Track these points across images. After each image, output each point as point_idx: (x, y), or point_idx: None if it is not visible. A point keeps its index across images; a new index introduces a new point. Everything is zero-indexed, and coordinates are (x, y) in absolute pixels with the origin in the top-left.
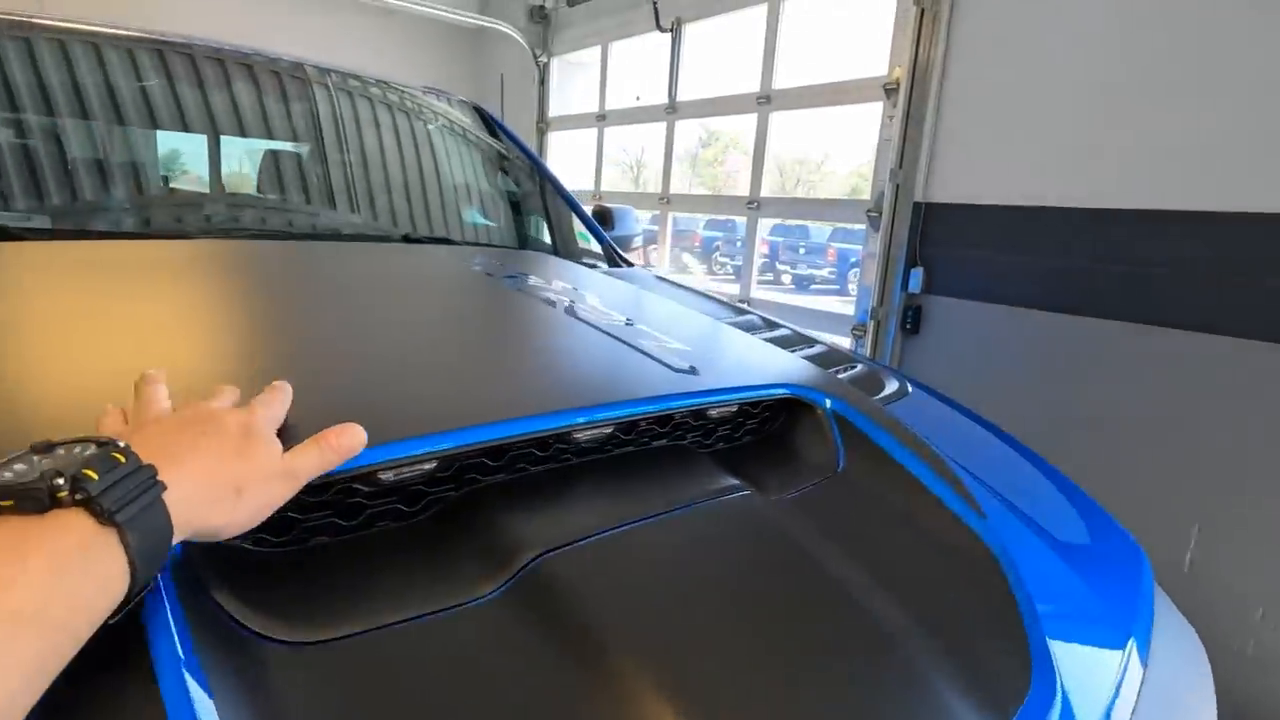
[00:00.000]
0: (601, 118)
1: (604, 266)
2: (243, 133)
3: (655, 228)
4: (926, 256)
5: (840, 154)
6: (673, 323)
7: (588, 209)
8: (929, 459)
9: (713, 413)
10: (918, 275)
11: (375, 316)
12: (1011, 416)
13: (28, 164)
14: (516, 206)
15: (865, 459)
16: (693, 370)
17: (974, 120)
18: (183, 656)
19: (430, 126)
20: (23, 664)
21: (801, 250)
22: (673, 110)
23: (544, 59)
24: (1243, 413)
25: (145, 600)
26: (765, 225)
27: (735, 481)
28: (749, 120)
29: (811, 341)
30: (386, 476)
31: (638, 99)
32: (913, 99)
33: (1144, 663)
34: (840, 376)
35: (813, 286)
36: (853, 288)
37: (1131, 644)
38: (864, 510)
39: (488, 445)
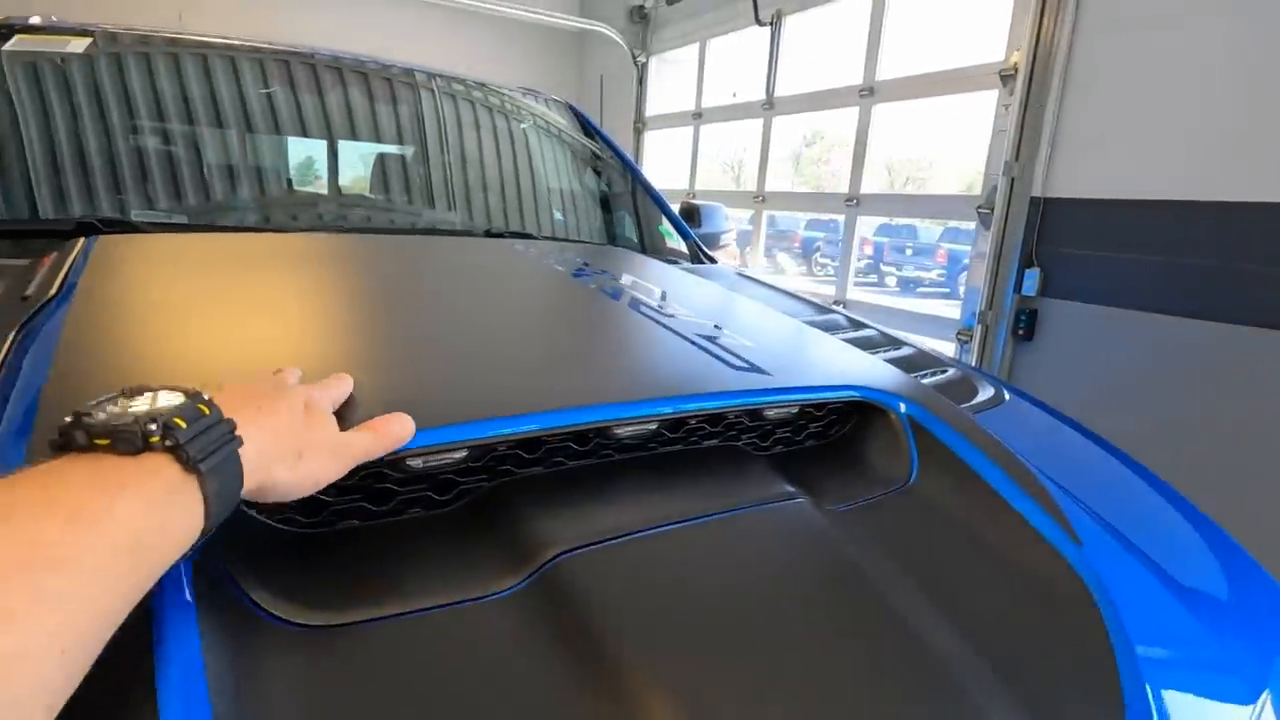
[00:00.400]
0: (698, 115)
1: (685, 263)
2: (356, 137)
3: (752, 228)
4: (1044, 256)
5: (953, 151)
6: (742, 319)
7: (676, 207)
8: (1017, 474)
9: (771, 413)
10: (1033, 276)
11: (443, 304)
12: (1138, 436)
13: (169, 166)
14: (605, 203)
15: (942, 471)
16: (753, 368)
17: (1103, 107)
18: (197, 634)
19: (524, 126)
20: (120, 591)
21: (908, 251)
22: (770, 106)
23: (642, 59)
24: None
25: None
26: (868, 225)
27: (790, 488)
28: (852, 115)
29: (898, 343)
30: (417, 464)
31: (734, 95)
32: (1032, 85)
33: None
34: (924, 381)
35: (919, 290)
36: (962, 290)
37: (1266, 698)
38: (934, 528)
39: (521, 437)
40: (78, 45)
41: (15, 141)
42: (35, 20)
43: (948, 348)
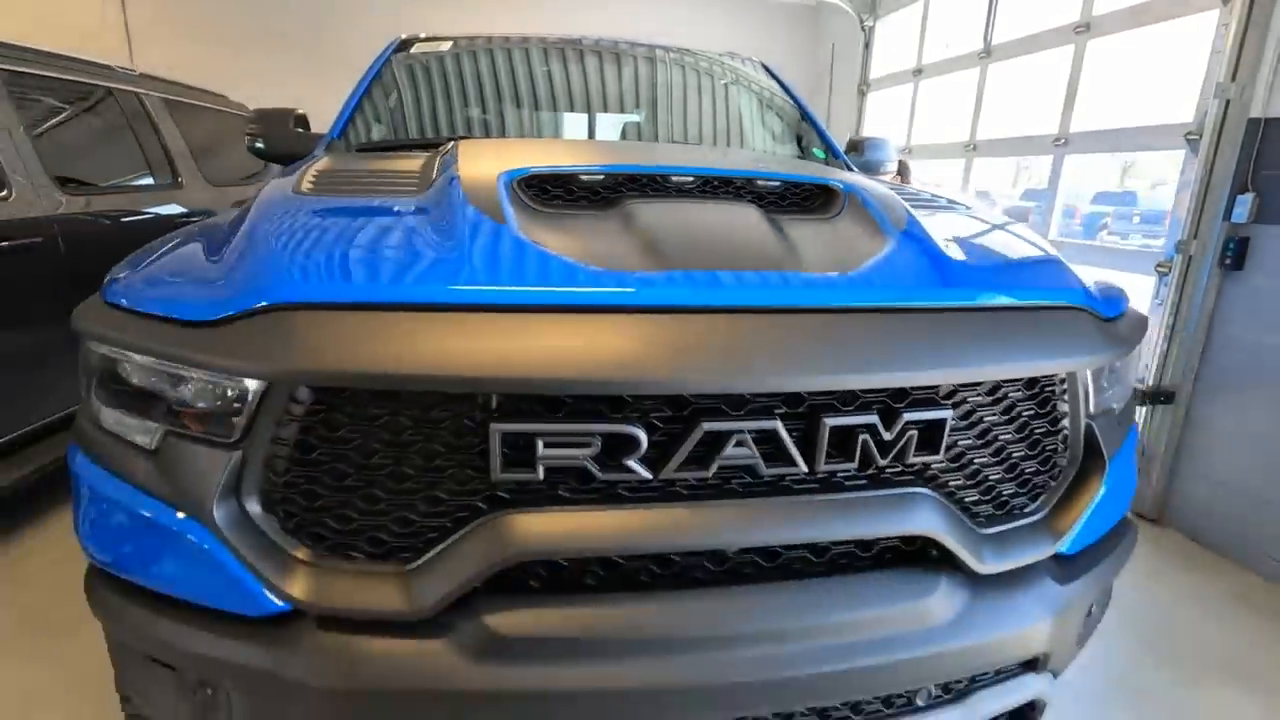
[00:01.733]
0: (918, 72)
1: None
2: (608, 98)
3: (1028, 204)
4: (1261, 180)
5: (1168, 86)
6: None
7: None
8: (892, 214)
9: (785, 191)
10: (1245, 202)
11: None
12: None
13: (489, 113)
14: (787, 137)
15: (857, 212)
16: (806, 177)
17: None
18: None
19: (728, 83)
20: None
21: (1136, 219)
22: (987, 55)
23: (870, 22)
24: None
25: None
26: (1077, 171)
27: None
28: (1068, 55)
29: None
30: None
31: (946, 46)
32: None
33: None
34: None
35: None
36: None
37: None
38: (836, 226)
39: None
40: (445, 46)
41: (415, 104)
42: (422, 35)
43: (1147, 281)
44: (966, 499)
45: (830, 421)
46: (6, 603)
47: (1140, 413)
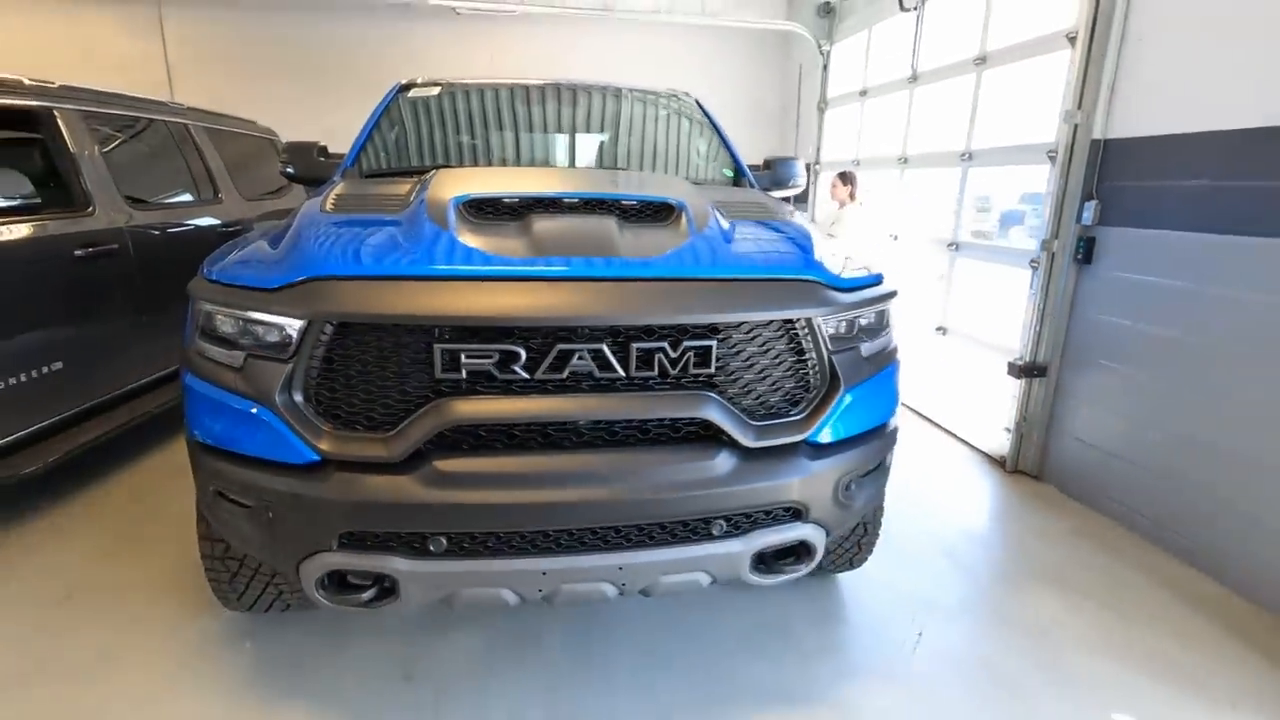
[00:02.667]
0: (864, 93)
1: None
2: (575, 130)
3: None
4: (1102, 190)
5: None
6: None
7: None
8: (699, 224)
9: (628, 204)
10: (1091, 207)
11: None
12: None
13: (468, 145)
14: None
15: (678, 220)
16: (657, 199)
17: (1154, 59)
18: None
19: (669, 114)
20: None
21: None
22: (914, 79)
23: (827, 47)
24: None
25: None
26: (983, 180)
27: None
28: (970, 82)
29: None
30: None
31: (854, 74)
32: (1093, 42)
33: None
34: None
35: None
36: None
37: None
38: (663, 230)
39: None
40: (435, 90)
41: (410, 136)
42: (420, 79)
43: (1025, 274)
44: (742, 401)
45: (637, 345)
46: (105, 527)
47: (1020, 385)
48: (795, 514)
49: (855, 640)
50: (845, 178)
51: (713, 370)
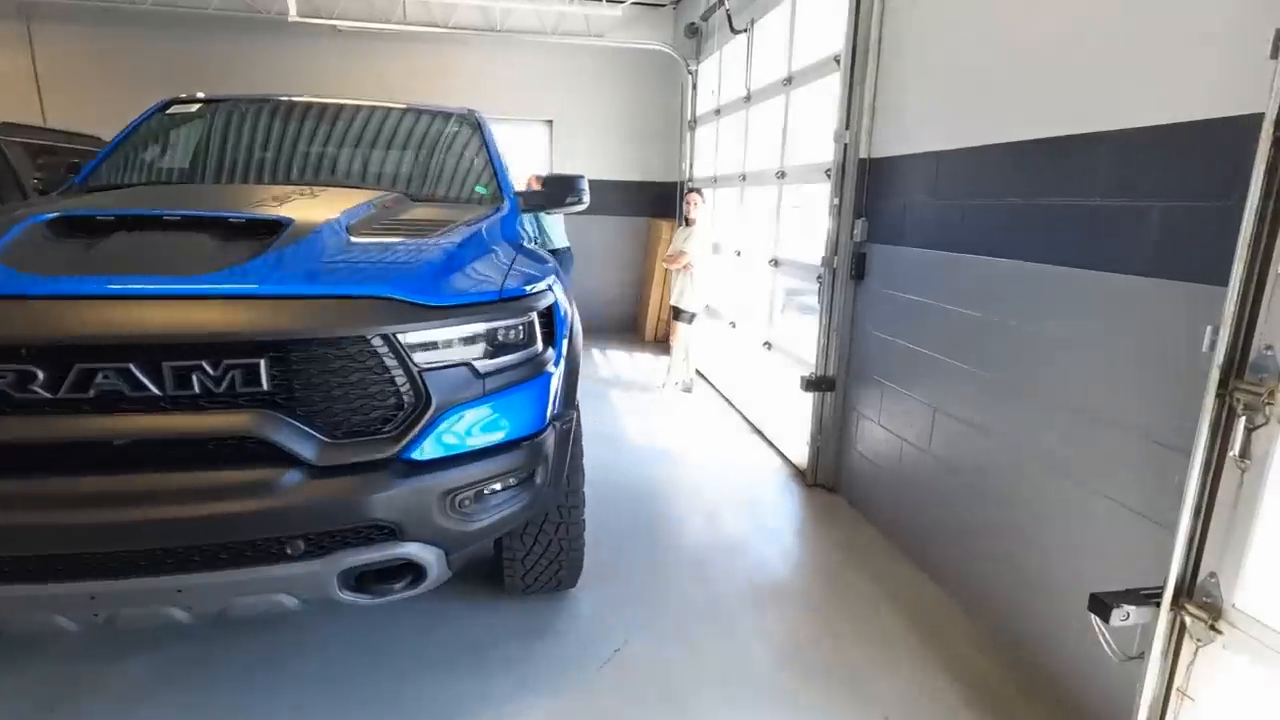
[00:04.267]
0: (718, 112)
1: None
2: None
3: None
4: (869, 208)
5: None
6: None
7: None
8: (285, 244)
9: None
10: (860, 225)
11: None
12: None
13: (228, 154)
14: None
15: (284, 237)
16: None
17: (902, 82)
18: None
19: (436, 130)
20: None
21: None
22: (749, 99)
23: (694, 67)
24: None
25: None
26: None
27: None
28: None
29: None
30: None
31: (712, 93)
32: (854, 67)
33: None
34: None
35: None
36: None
37: None
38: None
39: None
40: (194, 107)
41: (149, 153)
42: (183, 95)
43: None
44: (316, 419)
45: (169, 363)
46: None
47: (813, 398)
48: (390, 533)
49: (553, 654)
50: (688, 193)
51: (267, 388)
